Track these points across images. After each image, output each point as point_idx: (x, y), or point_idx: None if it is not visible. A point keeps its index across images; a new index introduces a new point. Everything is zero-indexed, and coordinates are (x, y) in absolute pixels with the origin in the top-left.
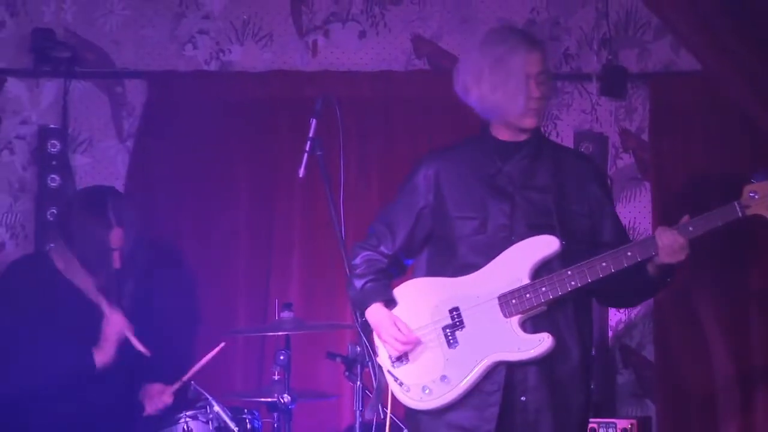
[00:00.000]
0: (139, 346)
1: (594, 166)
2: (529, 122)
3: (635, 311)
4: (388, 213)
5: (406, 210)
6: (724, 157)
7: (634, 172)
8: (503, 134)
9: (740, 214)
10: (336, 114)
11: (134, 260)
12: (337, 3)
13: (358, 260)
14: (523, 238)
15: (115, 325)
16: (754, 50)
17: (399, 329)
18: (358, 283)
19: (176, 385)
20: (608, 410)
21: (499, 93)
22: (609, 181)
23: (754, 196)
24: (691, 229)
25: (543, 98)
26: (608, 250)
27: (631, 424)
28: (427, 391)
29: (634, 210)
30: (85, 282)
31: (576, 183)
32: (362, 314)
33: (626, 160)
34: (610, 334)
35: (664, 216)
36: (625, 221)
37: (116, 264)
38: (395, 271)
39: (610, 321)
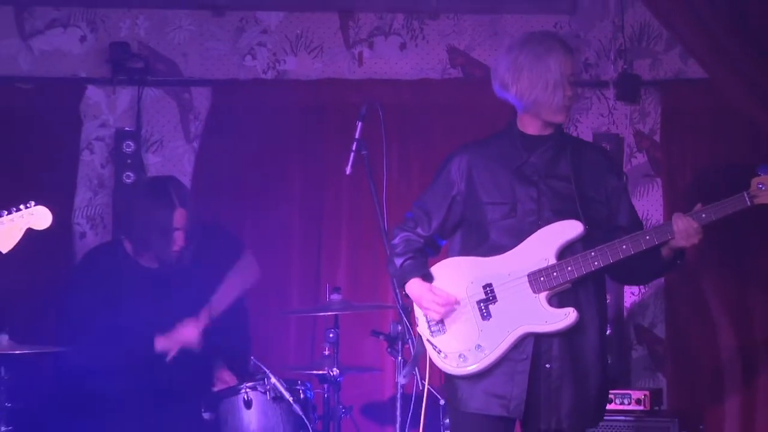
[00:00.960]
0: (170, 355)
1: (610, 158)
2: (560, 117)
3: (648, 293)
4: (424, 199)
5: (440, 197)
6: (729, 156)
7: (647, 170)
8: (530, 128)
9: (749, 203)
10: (379, 117)
11: (193, 240)
12: (381, 18)
13: (397, 240)
14: (549, 222)
15: (185, 335)
16: (755, 61)
17: (437, 294)
18: (398, 261)
19: (203, 319)
20: (624, 383)
21: (538, 89)
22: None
23: (761, 187)
24: (704, 215)
25: (573, 97)
26: (624, 233)
27: (645, 395)
28: (462, 359)
29: (647, 203)
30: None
31: (594, 173)
32: (402, 288)
33: (640, 158)
34: (625, 314)
35: (675, 209)
36: (639, 213)
37: (179, 242)
38: (431, 251)
39: (625, 302)
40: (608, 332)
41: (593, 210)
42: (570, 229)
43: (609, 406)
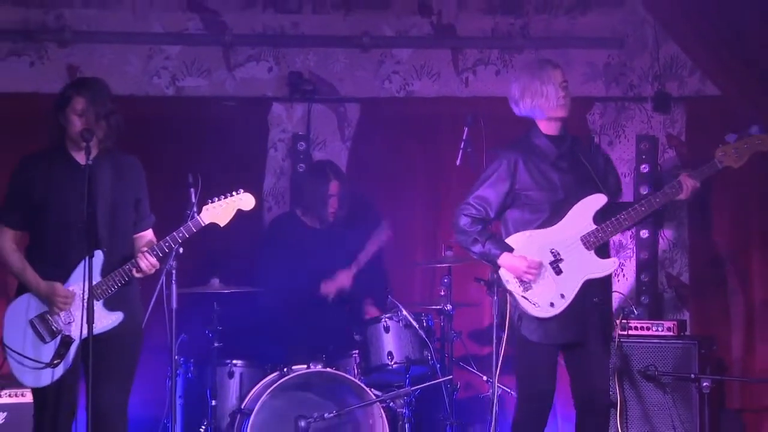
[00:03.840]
0: (330, 297)
1: (598, 147)
2: (561, 113)
3: (676, 250)
4: (483, 190)
5: (496, 187)
6: None
7: (675, 162)
8: (548, 129)
9: (719, 167)
10: (480, 125)
11: (345, 206)
12: (481, 52)
13: (464, 224)
14: (581, 198)
15: (341, 281)
16: (758, 82)
17: (529, 261)
18: (481, 244)
19: (353, 270)
20: (658, 316)
21: (541, 97)
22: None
23: (723, 155)
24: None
25: (566, 96)
26: (612, 195)
27: (673, 325)
28: (552, 305)
29: None
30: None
31: (593, 158)
32: (494, 264)
33: (670, 153)
34: (658, 265)
35: (695, 193)
36: None
37: (334, 206)
38: (489, 226)
39: (659, 257)
40: (646, 279)
41: (603, 184)
42: (598, 200)
43: (648, 332)
